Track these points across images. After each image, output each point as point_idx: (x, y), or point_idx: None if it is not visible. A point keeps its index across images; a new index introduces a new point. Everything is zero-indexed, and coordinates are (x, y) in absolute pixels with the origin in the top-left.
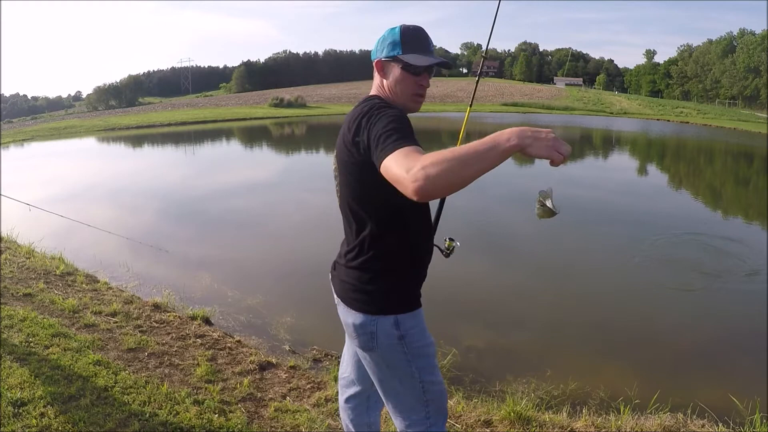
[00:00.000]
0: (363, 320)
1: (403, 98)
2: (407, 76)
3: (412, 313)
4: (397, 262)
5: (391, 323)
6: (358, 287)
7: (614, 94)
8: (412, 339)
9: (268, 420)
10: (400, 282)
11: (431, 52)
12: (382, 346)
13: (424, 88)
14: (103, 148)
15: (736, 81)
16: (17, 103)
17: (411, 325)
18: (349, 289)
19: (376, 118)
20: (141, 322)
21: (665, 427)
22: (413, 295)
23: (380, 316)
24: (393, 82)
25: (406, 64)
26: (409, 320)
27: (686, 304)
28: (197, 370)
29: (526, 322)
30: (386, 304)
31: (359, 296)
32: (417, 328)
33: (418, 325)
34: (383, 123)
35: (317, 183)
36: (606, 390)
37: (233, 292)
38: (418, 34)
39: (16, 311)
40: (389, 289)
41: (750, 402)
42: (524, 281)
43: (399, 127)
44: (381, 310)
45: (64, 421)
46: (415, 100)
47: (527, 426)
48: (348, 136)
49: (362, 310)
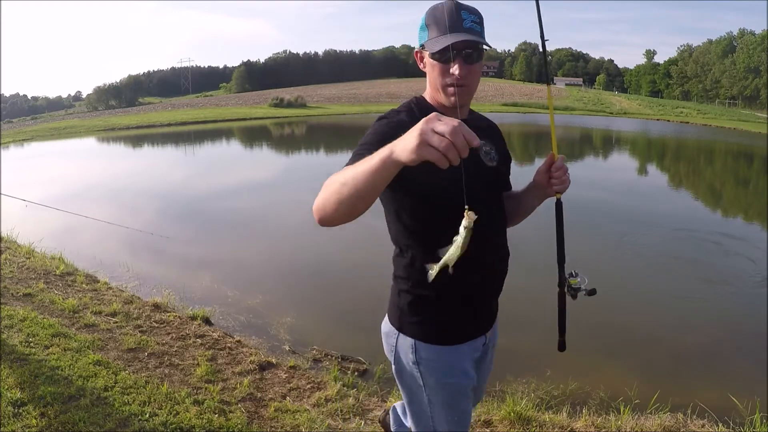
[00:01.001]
0: (387, 329)
1: (435, 91)
2: (435, 65)
3: (432, 346)
4: (413, 285)
5: (409, 345)
6: (391, 294)
7: (614, 94)
8: (430, 371)
9: (268, 420)
10: (421, 307)
11: (464, 30)
12: (400, 363)
13: (454, 76)
14: (103, 148)
15: (736, 81)
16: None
17: (430, 358)
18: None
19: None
20: (141, 322)
21: (665, 427)
22: (440, 328)
23: (400, 333)
24: (428, 74)
25: (430, 51)
26: (428, 351)
27: (686, 304)
28: (197, 370)
29: (525, 322)
30: (403, 323)
31: (389, 303)
32: (438, 363)
33: (440, 360)
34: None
35: (317, 183)
36: (606, 390)
37: (233, 292)
38: (437, 12)
39: (16, 311)
40: (408, 310)
41: (750, 402)
42: (524, 281)
43: (358, 148)
44: (400, 327)
45: (64, 421)
46: (446, 91)
47: (527, 426)
48: None
49: (389, 318)
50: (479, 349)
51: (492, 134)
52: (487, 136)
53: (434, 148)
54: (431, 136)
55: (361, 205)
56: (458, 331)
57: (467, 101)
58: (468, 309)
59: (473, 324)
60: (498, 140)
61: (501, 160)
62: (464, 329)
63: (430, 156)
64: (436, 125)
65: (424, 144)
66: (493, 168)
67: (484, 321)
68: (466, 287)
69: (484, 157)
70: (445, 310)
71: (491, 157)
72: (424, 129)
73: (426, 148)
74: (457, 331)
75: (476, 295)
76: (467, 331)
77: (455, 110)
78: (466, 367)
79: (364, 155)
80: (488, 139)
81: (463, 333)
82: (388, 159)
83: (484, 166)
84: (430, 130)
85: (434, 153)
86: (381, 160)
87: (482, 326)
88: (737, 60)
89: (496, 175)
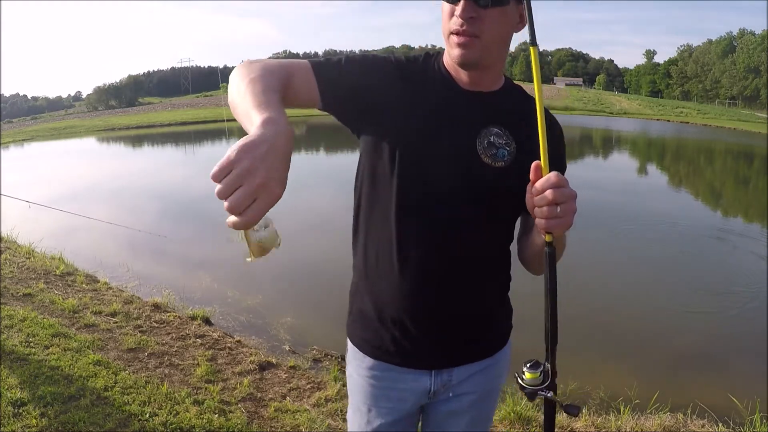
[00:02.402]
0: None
1: (447, 45)
2: (443, 6)
3: (355, 350)
4: (357, 282)
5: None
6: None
7: (614, 94)
8: (349, 374)
9: (268, 420)
10: (357, 305)
11: None
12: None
13: (459, 20)
14: (103, 148)
15: (736, 81)
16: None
17: (350, 362)
18: None
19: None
20: (141, 322)
21: (665, 427)
22: (365, 336)
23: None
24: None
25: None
26: (350, 354)
27: (686, 303)
28: (197, 370)
29: (525, 322)
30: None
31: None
32: (353, 373)
33: (356, 372)
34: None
35: (317, 183)
36: (606, 390)
37: (233, 292)
38: None
39: (16, 311)
40: (350, 303)
41: (750, 402)
42: (523, 281)
43: (337, 57)
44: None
45: (64, 421)
46: (451, 43)
47: (527, 426)
48: None
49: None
50: (425, 386)
51: (520, 123)
52: (509, 123)
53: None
54: (232, 173)
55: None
56: (379, 345)
57: (478, 58)
58: (390, 323)
59: (400, 349)
60: (530, 134)
61: (518, 165)
62: (384, 344)
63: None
64: (237, 163)
65: (228, 165)
66: (499, 170)
67: (424, 353)
68: (397, 311)
69: (484, 150)
70: (373, 316)
71: (499, 154)
72: (243, 166)
73: (223, 167)
74: (377, 345)
75: (410, 326)
76: (388, 352)
77: (470, 74)
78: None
79: (340, 64)
80: (510, 127)
81: (382, 351)
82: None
83: (479, 163)
84: (241, 173)
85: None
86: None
87: (422, 359)
88: (737, 60)
89: (502, 181)
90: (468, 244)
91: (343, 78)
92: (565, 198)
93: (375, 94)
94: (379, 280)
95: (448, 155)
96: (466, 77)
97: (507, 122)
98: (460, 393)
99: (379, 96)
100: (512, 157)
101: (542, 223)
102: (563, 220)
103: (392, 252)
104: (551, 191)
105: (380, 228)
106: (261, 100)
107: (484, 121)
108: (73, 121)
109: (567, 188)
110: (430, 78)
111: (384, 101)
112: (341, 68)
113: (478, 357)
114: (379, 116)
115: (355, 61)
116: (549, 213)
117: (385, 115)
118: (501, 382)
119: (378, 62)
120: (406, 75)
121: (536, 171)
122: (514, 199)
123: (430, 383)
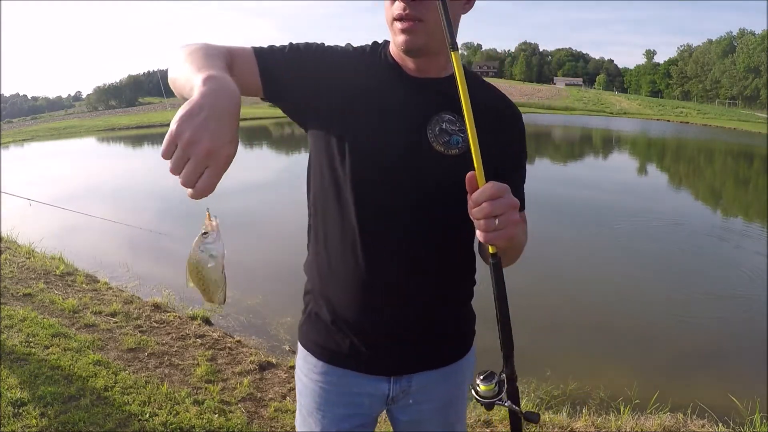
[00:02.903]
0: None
1: (391, 31)
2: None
3: (306, 354)
4: (311, 284)
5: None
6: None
7: (614, 94)
8: (298, 378)
9: (268, 420)
10: (312, 308)
11: None
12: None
13: (402, 5)
14: (103, 148)
15: (736, 81)
16: (17, 103)
17: (301, 366)
18: None
19: None
20: (141, 322)
21: (665, 427)
22: (318, 340)
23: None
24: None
25: None
26: (301, 357)
27: (686, 303)
28: (197, 370)
29: (525, 323)
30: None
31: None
32: (304, 377)
33: (307, 376)
34: None
35: None
36: (606, 390)
37: (233, 292)
38: None
39: (16, 311)
40: (305, 304)
41: (750, 402)
42: (524, 281)
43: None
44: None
45: (64, 421)
46: (395, 30)
47: (527, 426)
48: None
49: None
50: (383, 392)
51: (477, 108)
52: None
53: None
54: (179, 147)
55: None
56: (329, 347)
57: (423, 43)
58: (346, 335)
59: (357, 355)
60: (487, 123)
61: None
62: (341, 353)
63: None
64: (179, 136)
65: (172, 139)
66: (453, 158)
67: (380, 359)
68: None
69: (435, 138)
70: (324, 317)
71: (452, 141)
72: (184, 136)
73: (168, 142)
74: (327, 347)
75: (368, 331)
76: (345, 357)
77: (418, 61)
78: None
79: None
80: (460, 113)
81: (338, 355)
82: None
83: (431, 152)
84: (185, 145)
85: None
86: (189, 90)
87: (380, 365)
88: (737, 60)
89: (457, 169)
90: (427, 244)
91: (287, 67)
92: (503, 209)
93: (320, 85)
94: (335, 283)
95: (398, 146)
96: (413, 64)
97: (459, 109)
98: (421, 400)
99: (325, 87)
100: (467, 144)
101: (482, 236)
102: (503, 232)
103: (347, 254)
104: (487, 203)
105: (334, 229)
106: (202, 64)
107: (435, 108)
108: (73, 121)
109: (506, 198)
110: (377, 67)
111: (329, 93)
112: (285, 56)
113: (438, 364)
114: (325, 109)
115: (300, 49)
116: (487, 226)
117: (332, 108)
118: (465, 389)
119: (324, 52)
120: (353, 65)
121: (470, 182)
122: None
123: (389, 389)
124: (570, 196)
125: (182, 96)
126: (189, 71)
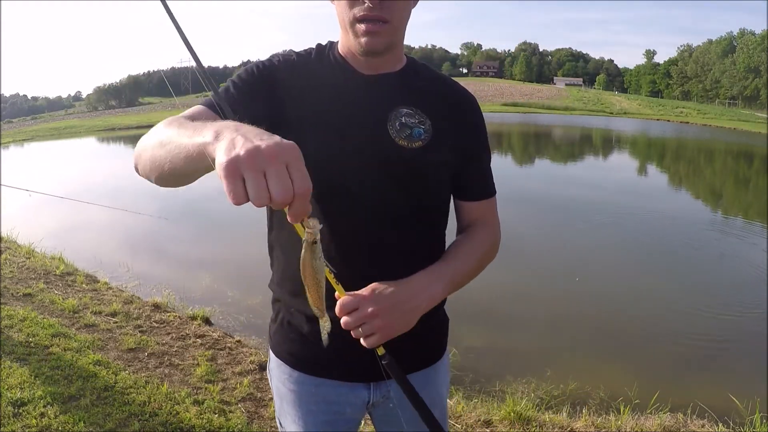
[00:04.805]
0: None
1: (346, 33)
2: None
3: (279, 363)
4: (279, 294)
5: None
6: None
7: (614, 94)
8: (275, 387)
9: (268, 420)
10: (284, 317)
11: None
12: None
13: (368, 5)
14: (103, 148)
15: (736, 81)
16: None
17: (275, 375)
18: None
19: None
20: (141, 322)
21: (665, 427)
22: (292, 349)
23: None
24: (336, 12)
25: None
26: (274, 366)
27: (686, 303)
28: (197, 370)
29: (526, 322)
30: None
31: None
32: (281, 386)
33: (284, 385)
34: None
35: None
36: (606, 390)
37: (233, 292)
38: None
39: (16, 311)
40: (274, 312)
41: (750, 402)
42: (524, 281)
43: (229, 81)
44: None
45: (64, 421)
46: (356, 29)
47: (527, 426)
48: None
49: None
50: (363, 398)
51: (431, 101)
52: (419, 102)
53: (242, 186)
54: (246, 170)
55: (183, 181)
56: (298, 353)
57: (388, 43)
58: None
59: (336, 364)
60: (445, 113)
61: (437, 141)
62: (319, 363)
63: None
64: (258, 161)
65: (233, 172)
66: (418, 150)
67: (358, 366)
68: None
69: (397, 133)
70: (293, 325)
71: (415, 134)
72: (241, 156)
73: (232, 181)
74: (295, 352)
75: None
76: (322, 367)
77: (372, 60)
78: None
79: (229, 92)
80: (420, 106)
81: (316, 366)
82: (205, 148)
83: (395, 147)
84: (249, 161)
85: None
86: (198, 147)
87: (359, 373)
88: (737, 60)
89: (424, 160)
90: (401, 246)
91: (241, 99)
92: (359, 321)
93: (274, 102)
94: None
95: (361, 146)
96: (365, 62)
97: (416, 101)
98: (403, 404)
99: (278, 102)
100: (430, 135)
101: (367, 340)
102: (375, 338)
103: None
104: (344, 319)
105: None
106: (194, 124)
107: (391, 103)
108: (73, 121)
109: (363, 308)
110: (327, 71)
111: (284, 106)
112: (236, 90)
113: (417, 368)
114: (284, 122)
115: (243, 78)
116: (356, 335)
117: (289, 120)
118: (444, 391)
119: (264, 71)
120: (299, 73)
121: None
122: (439, 183)
123: (369, 395)
124: (570, 196)
125: (169, 163)
126: (184, 135)
